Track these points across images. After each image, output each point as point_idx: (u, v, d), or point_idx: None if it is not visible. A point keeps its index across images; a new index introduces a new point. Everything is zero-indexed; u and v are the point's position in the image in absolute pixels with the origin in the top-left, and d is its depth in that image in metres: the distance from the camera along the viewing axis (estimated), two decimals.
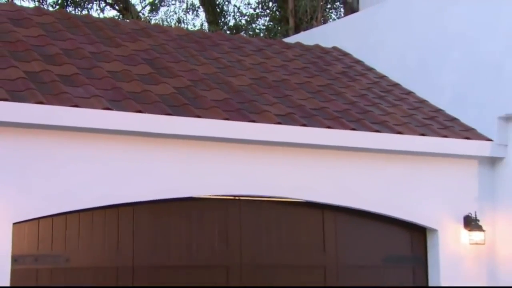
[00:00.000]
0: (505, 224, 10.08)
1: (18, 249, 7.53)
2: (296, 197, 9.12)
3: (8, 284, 7.30)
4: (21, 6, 12.02)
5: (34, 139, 7.57)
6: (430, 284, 10.08)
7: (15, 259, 7.44)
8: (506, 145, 10.15)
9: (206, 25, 22.06)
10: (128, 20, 17.36)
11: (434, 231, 9.95)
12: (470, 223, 9.92)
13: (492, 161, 10.29)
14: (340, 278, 9.58)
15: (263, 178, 8.88)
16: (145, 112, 8.03)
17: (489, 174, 10.31)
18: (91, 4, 21.37)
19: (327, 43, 13.17)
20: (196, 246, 8.85)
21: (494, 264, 10.13)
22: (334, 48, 13.04)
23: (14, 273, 7.39)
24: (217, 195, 8.70)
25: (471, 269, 10.07)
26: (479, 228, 9.88)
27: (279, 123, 8.81)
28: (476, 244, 9.91)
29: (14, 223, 7.36)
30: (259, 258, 9.13)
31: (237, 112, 8.74)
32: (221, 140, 8.50)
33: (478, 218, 9.95)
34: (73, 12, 19.95)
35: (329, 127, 9.13)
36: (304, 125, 8.96)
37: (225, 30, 21.20)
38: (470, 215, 9.98)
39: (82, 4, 21.05)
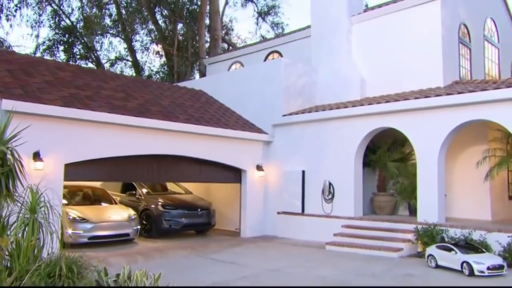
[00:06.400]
0: (271, 169, 10.93)
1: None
2: (191, 155, 9.28)
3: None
4: (58, 61, 11.35)
5: (76, 126, 7.52)
6: (242, 193, 10.32)
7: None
8: (274, 136, 11.03)
9: (134, 74, 21.03)
10: (107, 71, 16.53)
11: (245, 171, 10.57)
12: (259, 167, 10.74)
13: (268, 143, 11.05)
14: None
15: (179, 146, 9.01)
16: (126, 115, 8.13)
17: (266, 148, 11.04)
18: (83, 61, 19.82)
19: (197, 88, 13.17)
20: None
21: (267, 185, 10.93)
22: (200, 90, 13.05)
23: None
24: (158, 153, 8.67)
25: (258, 187, 10.77)
26: (262, 169, 10.75)
27: (185, 122, 9.10)
28: (261, 176, 10.77)
29: (65, 164, 7.31)
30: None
31: (167, 117, 8.99)
32: (162, 129, 8.66)
33: (262, 165, 10.77)
34: (72, 63, 18.39)
35: (206, 125, 9.52)
36: (196, 124, 9.32)
37: (143, 77, 20.39)
38: (259, 164, 10.77)
39: (76, 60, 19.54)
